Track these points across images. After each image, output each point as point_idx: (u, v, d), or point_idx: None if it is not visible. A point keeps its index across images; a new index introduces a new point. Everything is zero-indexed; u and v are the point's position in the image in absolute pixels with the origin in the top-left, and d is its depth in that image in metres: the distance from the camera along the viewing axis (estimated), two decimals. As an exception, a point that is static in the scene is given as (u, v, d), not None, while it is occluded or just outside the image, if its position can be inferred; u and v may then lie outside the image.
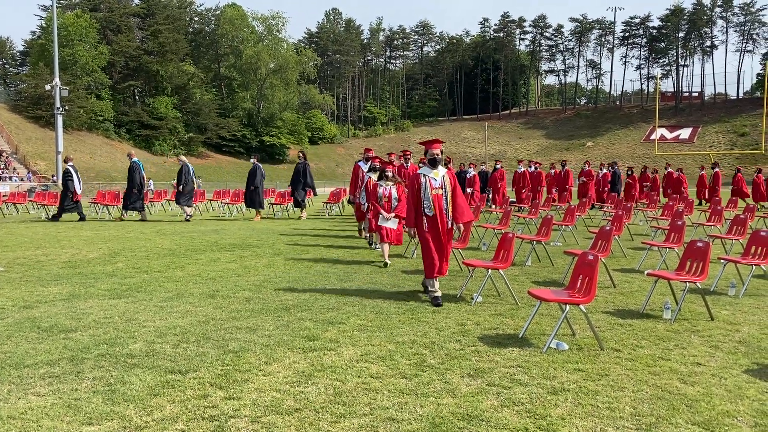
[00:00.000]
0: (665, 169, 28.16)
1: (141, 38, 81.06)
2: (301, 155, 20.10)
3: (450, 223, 7.35)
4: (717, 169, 26.74)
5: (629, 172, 26.73)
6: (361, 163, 13.78)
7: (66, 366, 4.79)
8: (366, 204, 11.81)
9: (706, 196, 26.81)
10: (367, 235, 12.80)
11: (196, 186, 20.56)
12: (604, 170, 26.11)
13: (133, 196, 18.91)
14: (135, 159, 19.25)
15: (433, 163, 7.42)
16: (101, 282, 8.40)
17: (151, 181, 41.66)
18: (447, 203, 7.33)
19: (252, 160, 20.16)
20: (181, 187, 18.98)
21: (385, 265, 9.97)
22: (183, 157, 19.98)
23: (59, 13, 63.42)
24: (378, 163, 11.79)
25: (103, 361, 4.90)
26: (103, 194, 22.95)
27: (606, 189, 25.28)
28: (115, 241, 13.34)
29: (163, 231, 15.65)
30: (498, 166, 25.34)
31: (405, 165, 15.33)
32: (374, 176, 11.38)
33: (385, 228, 10.15)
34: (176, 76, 79.59)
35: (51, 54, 46.37)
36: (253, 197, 19.51)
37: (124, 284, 8.24)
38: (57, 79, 40.69)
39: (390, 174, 10.44)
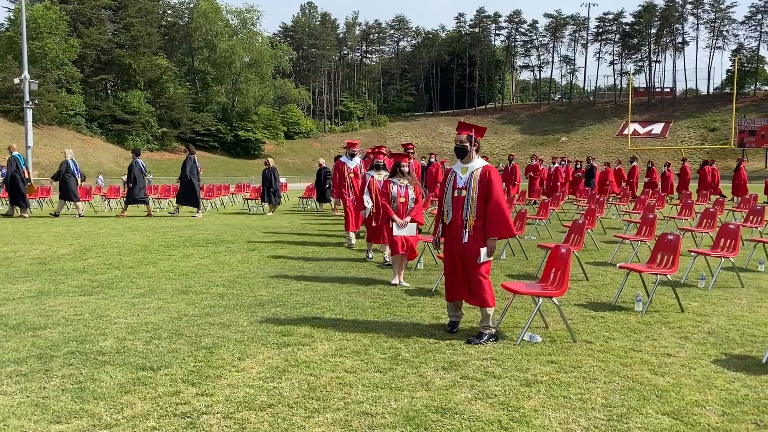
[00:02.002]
0: (587, 162, 28.52)
1: (113, 31, 79.70)
2: (187, 149, 19.94)
3: (467, 236, 5.51)
4: (635, 163, 27.28)
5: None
6: (344, 159, 12.04)
7: (34, 364, 4.70)
8: (368, 209, 9.57)
9: (617, 189, 27.19)
10: (352, 243, 11.60)
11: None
12: (556, 164, 26.39)
13: (17, 192, 18.77)
14: (15, 153, 19.10)
15: (460, 154, 5.73)
16: (71, 279, 8.25)
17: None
18: (468, 210, 5.53)
19: (131, 155, 20.22)
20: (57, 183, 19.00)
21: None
22: (68, 151, 19.82)
23: (28, 5, 62.07)
24: (382, 160, 9.90)
25: (73, 359, 4.82)
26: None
27: (561, 183, 25.53)
28: (86, 237, 13.13)
29: (135, 227, 15.44)
30: (432, 160, 22.62)
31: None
32: (377, 175, 9.59)
33: (400, 238, 8.00)
34: (149, 69, 78.40)
35: (19, 47, 45.37)
36: (129, 193, 19.40)
37: (94, 281, 8.11)
38: (26, 73, 39.79)
39: (406, 169, 8.36)
